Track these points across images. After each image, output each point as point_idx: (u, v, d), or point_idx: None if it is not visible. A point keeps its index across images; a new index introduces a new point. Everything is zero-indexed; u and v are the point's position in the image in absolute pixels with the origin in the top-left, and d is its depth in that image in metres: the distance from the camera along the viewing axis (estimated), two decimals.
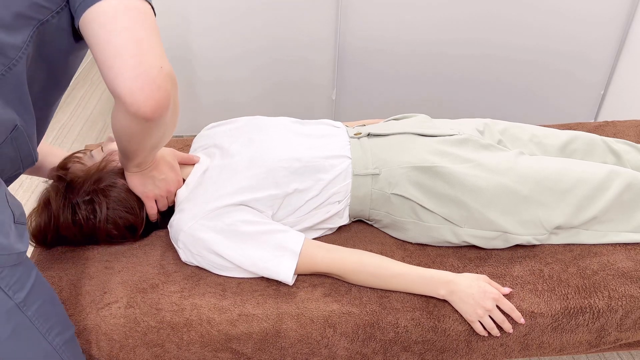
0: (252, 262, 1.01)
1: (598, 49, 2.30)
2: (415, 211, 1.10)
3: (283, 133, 1.17)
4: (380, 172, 1.12)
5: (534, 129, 1.32)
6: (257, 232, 1.02)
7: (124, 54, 0.72)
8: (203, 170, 1.13)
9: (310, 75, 2.36)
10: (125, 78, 0.72)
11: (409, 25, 2.23)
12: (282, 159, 1.09)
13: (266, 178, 1.07)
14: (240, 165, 1.09)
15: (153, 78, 0.73)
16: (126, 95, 0.73)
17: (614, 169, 1.13)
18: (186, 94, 2.39)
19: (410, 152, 1.14)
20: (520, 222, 1.08)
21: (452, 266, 1.09)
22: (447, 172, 1.09)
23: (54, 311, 0.83)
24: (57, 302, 0.85)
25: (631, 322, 1.05)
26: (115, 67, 0.72)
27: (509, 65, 2.34)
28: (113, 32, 0.72)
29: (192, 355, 0.99)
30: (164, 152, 1.08)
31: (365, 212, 1.15)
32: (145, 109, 0.74)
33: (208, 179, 1.09)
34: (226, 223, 1.02)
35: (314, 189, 1.09)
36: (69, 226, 1.07)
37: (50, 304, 0.82)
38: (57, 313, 0.83)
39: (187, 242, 1.03)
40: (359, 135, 1.20)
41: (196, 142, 1.28)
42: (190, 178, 1.13)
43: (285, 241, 1.02)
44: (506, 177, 1.09)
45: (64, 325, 0.85)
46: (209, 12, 2.18)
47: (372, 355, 1.02)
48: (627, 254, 1.11)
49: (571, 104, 2.46)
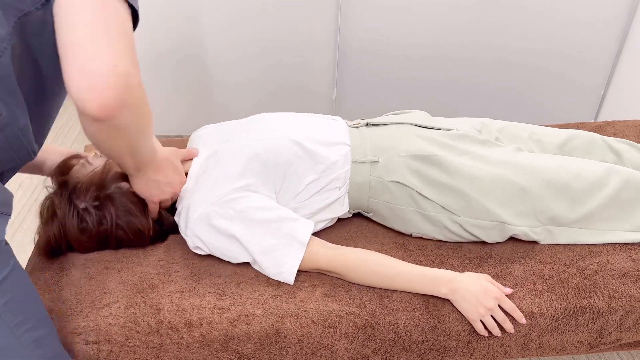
0: (261, 249, 1.02)
1: (598, 50, 2.30)
2: (414, 199, 1.11)
3: (282, 119, 1.19)
4: (379, 159, 1.12)
5: (533, 127, 1.32)
6: (268, 219, 1.02)
7: (77, 49, 0.69)
8: (203, 159, 1.13)
9: (310, 76, 2.36)
10: (75, 73, 0.69)
11: (409, 27, 2.23)
12: (282, 141, 1.10)
13: (267, 159, 1.07)
14: (239, 147, 1.10)
15: (103, 77, 0.69)
16: (73, 91, 0.70)
17: (612, 167, 1.13)
18: (185, 95, 2.40)
19: (408, 141, 1.14)
20: (517, 213, 1.09)
21: (452, 266, 1.09)
22: (445, 162, 1.09)
23: (28, 307, 0.81)
24: (34, 298, 0.83)
25: (631, 322, 1.05)
26: (68, 60, 0.69)
27: (509, 67, 2.34)
28: (72, 25, 0.70)
29: (192, 355, 0.99)
30: (166, 153, 1.06)
31: (363, 201, 1.15)
32: (92, 108, 0.71)
33: (210, 164, 1.10)
34: (237, 210, 1.02)
35: (312, 171, 1.10)
36: (76, 234, 1.05)
37: (24, 299, 0.80)
38: (31, 310, 0.82)
39: (197, 229, 1.03)
40: (357, 125, 1.21)
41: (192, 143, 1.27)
42: (191, 170, 1.13)
43: (296, 230, 1.02)
44: (504, 168, 1.10)
45: (38, 323, 0.83)
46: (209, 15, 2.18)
47: (372, 355, 1.02)
48: (627, 254, 1.11)
49: (571, 104, 2.46)
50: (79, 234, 1.06)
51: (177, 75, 2.34)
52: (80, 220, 1.05)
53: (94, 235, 1.06)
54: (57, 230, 1.05)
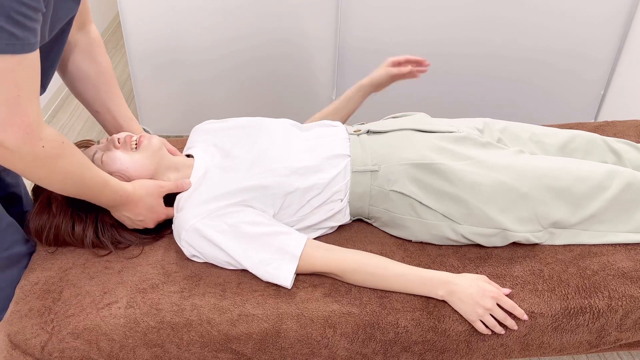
0: (253, 264, 1.02)
1: (598, 50, 2.30)
2: (414, 208, 1.11)
3: (284, 137, 1.18)
4: (380, 168, 1.12)
5: (534, 128, 1.32)
6: (260, 233, 1.02)
7: None
8: (204, 171, 1.13)
9: (310, 76, 2.36)
10: None
11: (409, 25, 2.23)
12: (284, 162, 1.10)
13: (266, 178, 1.07)
14: (241, 167, 1.10)
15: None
16: None
17: (613, 169, 1.13)
18: (185, 94, 2.39)
19: (409, 149, 1.14)
20: (518, 219, 1.08)
21: (452, 266, 1.09)
22: (446, 169, 1.09)
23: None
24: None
25: (631, 322, 1.05)
26: None
27: (509, 65, 2.34)
28: None
29: (192, 355, 0.99)
30: (143, 193, 1.06)
31: (364, 209, 1.15)
32: None
33: (209, 179, 1.09)
34: (229, 224, 1.02)
35: (314, 188, 1.10)
36: (68, 234, 1.08)
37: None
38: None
39: (190, 240, 1.04)
40: (358, 132, 1.20)
41: (193, 135, 1.28)
42: (191, 179, 1.13)
43: (287, 244, 1.02)
44: (505, 174, 1.09)
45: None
46: (208, 14, 2.18)
47: (372, 355, 1.02)
48: (627, 254, 1.11)
49: (571, 104, 2.46)
50: (71, 236, 1.08)
51: (176, 75, 2.34)
52: (73, 223, 1.07)
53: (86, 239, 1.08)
54: (46, 223, 1.07)
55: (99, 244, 1.09)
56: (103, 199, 1.01)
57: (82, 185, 0.94)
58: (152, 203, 1.08)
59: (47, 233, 1.07)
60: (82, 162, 0.92)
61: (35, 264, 1.09)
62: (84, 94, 1.20)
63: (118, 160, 1.07)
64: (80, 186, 0.94)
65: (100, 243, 1.09)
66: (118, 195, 1.01)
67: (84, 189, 0.96)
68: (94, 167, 0.95)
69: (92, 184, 0.96)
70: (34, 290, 1.03)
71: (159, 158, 1.12)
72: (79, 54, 1.15)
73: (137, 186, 1.05)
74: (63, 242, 1.09)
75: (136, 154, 1.09)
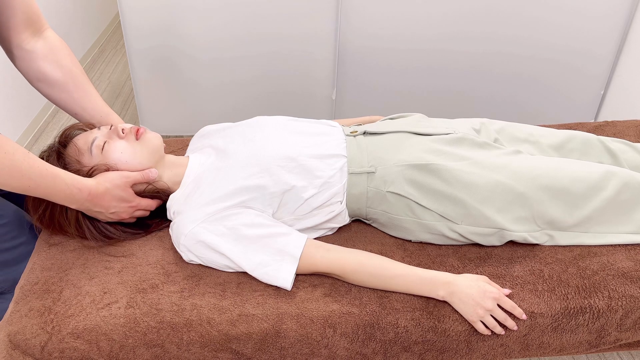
0: (252, 266, 1.02)
1: (598, 50, 2.30)
2: (411, 209, 1.11)
3: (279, 132, 1.18)
4: (376, 170, 1.12)
5: (531, 128, 1.32)
6: (259, 235, 1.02)
7: None
8: (198, 171, 1.13)
9: (310, 75, 2.36)
10: None
11: (409, 24, 2.23)
12: (278, 158, 1.10)
13: (262, 177, 1.07)
14: (236, 165, 1.09)
15: None
16: None
17: (610, 169, 1.13)
18: (185, 94, 2.39)
19: (406, 150, 1.14)
20: (515, 218, 1.08)
21: (452, 266, 1.09)
22: (443, 170, 1.09)
23: None
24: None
25: (631, 322, 1.05)
26: None
27: (510, 67, 2.34)
28: None
29: (192, 355, 0.99)
30: (109, 184, 1.05)
31: (362, 210, 1.15)
32: None
33: (204, 180, 1.09)
34: (228, 227, 1.02)
35: (310, 187, 1.10)
36: (61, 218, 1.08)
37: None
38: None
39: (189, 245, 1.03)
40: (355, 134, 1.20)
41: (192, 144, 1.29)
42: (184, 179, 1.13)
43: (286, 245, 1.02)
44: (502, 174, 1.09)
45: None
46: (207, 13, 2.18)
47: (372, 355, 1.02)
48: (627, 254, 1.11)
49: (571, 104, 2.46)
50: (63, 220, 1.08)
51: (176, 76, 2.34)
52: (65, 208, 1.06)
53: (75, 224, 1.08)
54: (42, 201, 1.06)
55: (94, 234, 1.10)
56: (59, 194, 0.97)
57: (21, 177, 0.90)
58: (120, 194, 1.06)
59: (42, 212, 1.07)
60: (11, 152, 0.88)
61: (36, 264, 1.09)
62: (58, 100, 1.19)
63: (119, 151, 1.07)
64: (20, 179, 0.90)
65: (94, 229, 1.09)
66: (76, 189, 0.98)
67: (29, 183, 0.92)
68: (34, 158, 0.92)
69: (35, 176, 0.92)
70: (34, 290, 1.03)
71: (159, 157, 1.13)
72: (41, 62, 1.14)
73: (101, 180, 1.04)
74: (59, 226, 1.09)
75: (138, 146, 1.09)
